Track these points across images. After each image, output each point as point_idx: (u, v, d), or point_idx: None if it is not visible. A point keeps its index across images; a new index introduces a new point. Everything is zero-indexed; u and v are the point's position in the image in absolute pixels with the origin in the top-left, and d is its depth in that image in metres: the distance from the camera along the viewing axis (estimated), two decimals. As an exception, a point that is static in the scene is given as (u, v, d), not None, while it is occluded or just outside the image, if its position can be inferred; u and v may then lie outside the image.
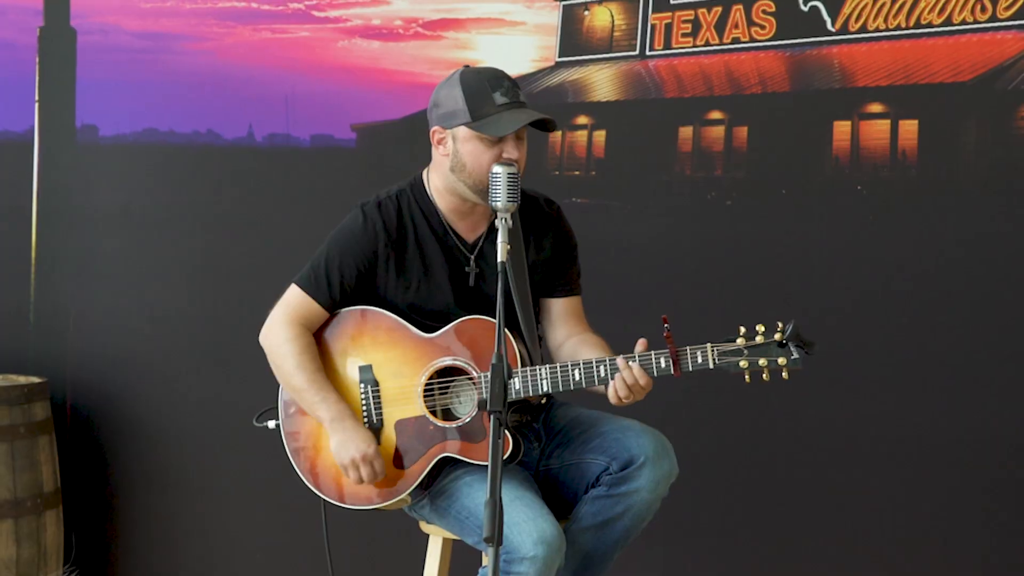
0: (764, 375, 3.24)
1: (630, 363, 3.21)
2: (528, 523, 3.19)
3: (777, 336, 3.25)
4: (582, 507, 3.36)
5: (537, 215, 3.48)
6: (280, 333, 3.42)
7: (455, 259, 3.41)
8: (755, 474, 4.47)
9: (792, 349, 3.24)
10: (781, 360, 3.24)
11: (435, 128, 3.36)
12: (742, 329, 3.25)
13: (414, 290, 3.41)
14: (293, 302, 3.44)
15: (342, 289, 3.41)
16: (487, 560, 3.00)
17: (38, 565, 4.33)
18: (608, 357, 3.27)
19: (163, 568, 4.69)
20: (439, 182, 3.41)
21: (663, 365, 3.22)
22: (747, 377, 3.24)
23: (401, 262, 3.41)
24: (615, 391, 3.22)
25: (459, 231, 3.43)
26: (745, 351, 3.24)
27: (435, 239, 3.41)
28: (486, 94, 3.31)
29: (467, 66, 3.45)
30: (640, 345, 3.24)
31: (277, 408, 3.48)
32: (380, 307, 3.42)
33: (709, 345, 3.23)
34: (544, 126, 3.33)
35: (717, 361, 3.24)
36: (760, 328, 3.25)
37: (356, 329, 3.43)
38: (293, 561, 4.57)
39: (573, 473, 3.40)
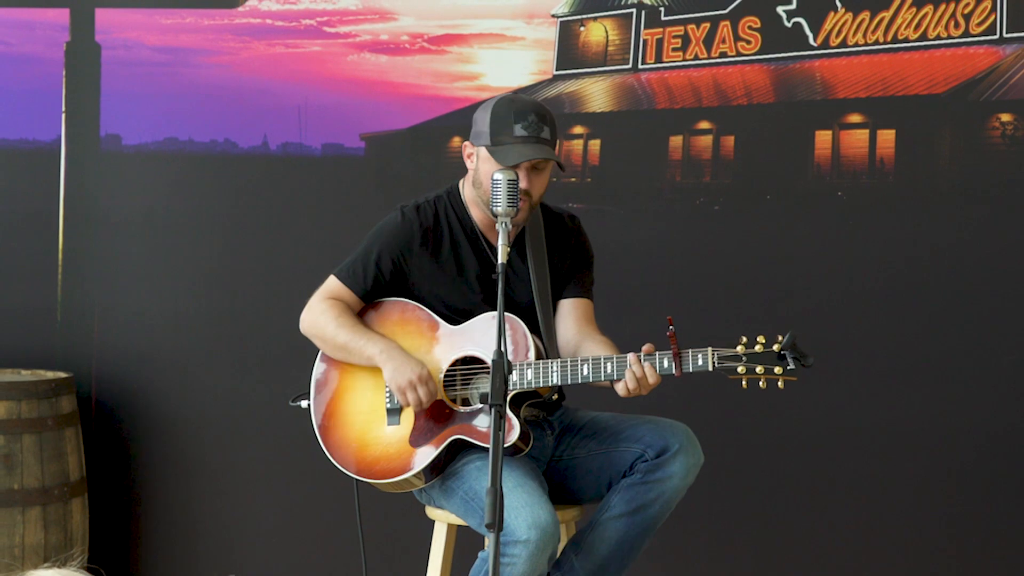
0: (761, 383, 3.23)
1: (642, 360, 3.24)
2: (525, 508, 3.20)
3: (775, 347, 3.25)
4: (613, 496, 3.38)
5: (560, 229, 3.53)
6: (316, 307, 3.48)
7: (485, 262, 3.44)
8: (748, 465, 4.48)
9: (789, 360, 3.24)
10: (777, 370, 3.23)
11: (466, 143, 3.44)
12: (743, 338, 3.25)
13: (447, 287, 3.44)
14: (330, 288, 3.49)
15: (376, 280, 3.45)
16: (488, 544, 3.01)
17: (64, 550, 4.33)
18: (616, 355, 3.27)
19: (183, 551, 4.69)
20: (470, 193, 3.46)
21: (665, 364, 3.23)
22: (744, 383, 3.24)
23: (436, 260, 3.45)
24: (624, 384, 3.23)
25: (491, 239, 3.46)
26: (744, 358, 3.23)
27: (468, 243, 3.47)
28: (508, 124, 3.35)
29: (513, 94, 3.51)
30: (647, 348, 3.25)
31: (309, 390, 3.49)
32: (413, 300, 3.45)
33: (710, 349, 3.23)
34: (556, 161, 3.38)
35: (716, 364, 3.23)
36: (761, 339, 3.24)
37: (389, 317, 3.46)
38: (305, 544, 4.57)
39: (601, 463, 3.42)
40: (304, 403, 3.49)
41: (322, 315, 3.46)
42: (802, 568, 4.45)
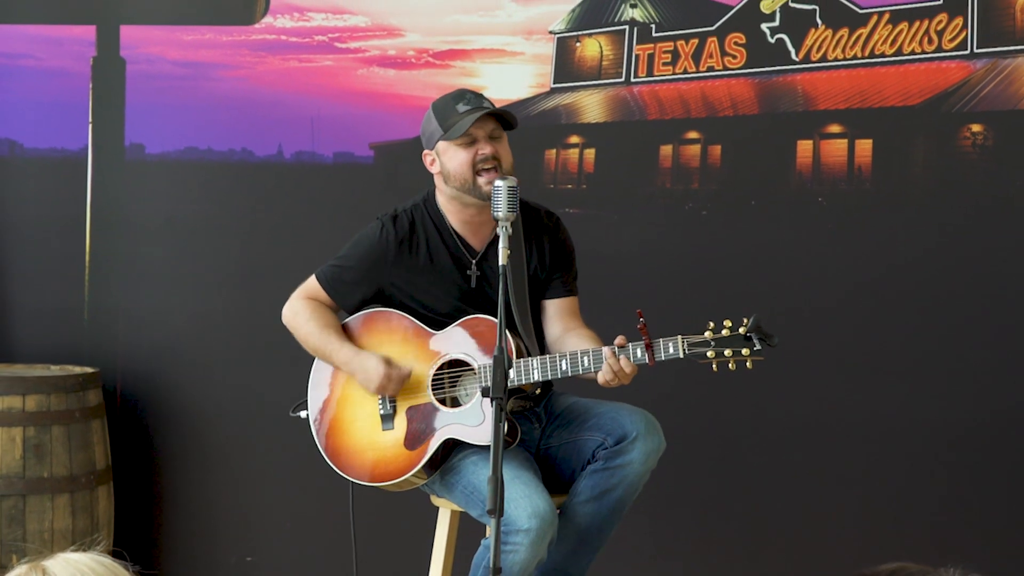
0: (730, 364, 3.24)
1: (616, 353, 3.23)
2: (524, 499, 3.20)
3: (741, 330, 3.25)
4: (580, 482, 3.37)
5: (538, 225, 3.50)
6: (295, 304, 3.51)
7: (461, 264, 3.43)
8: (728, 452, 4.48)
9: (755, 341, 3.24)
10: (745, 351, 3.24)
11: (424, 153, 3.45)
12: (711, 323, 3.26)
13: (425, 292, 3.44)
14: (309, 288, 3.51)
15: (350, 287, 3.47)
16: (490, 531, 3.01)
17: (90, 535, 4.33)
18: (592, 348, 3.27)
19: (202, 536, 4.69)
20: (442, 197, 3.45)
21: (639, 355, 3.23)
22: (715, 366, 3.24)
23: (414, 267, 3.43)
24: (602, 375, 3.23)
25: (467, 239, 3.45)
26: (712, 343, 3.24)
27: (444, 247, 3.44)
28: (450, 108, 3.38)
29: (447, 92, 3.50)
30: (619, 339, 3.25)
31: (306, 400, 3.51)
32: (395, 308, 3.45)
33: (679, 337, 3.24)
34: (505, 122, 3.37)
35: (687, 351, 3.24)
36: (727, 323, 3.26)
37: (375, 327, 3.46)
38: (318, 531, 4.57)
39: (570, 451, 3.41)
40: (303, 414, 3.50)
41: (298, 315, 3.49)
42: (783, 551, 4.46)
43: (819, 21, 4.41)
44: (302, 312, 3.48)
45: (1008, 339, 4.38)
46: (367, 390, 3.40)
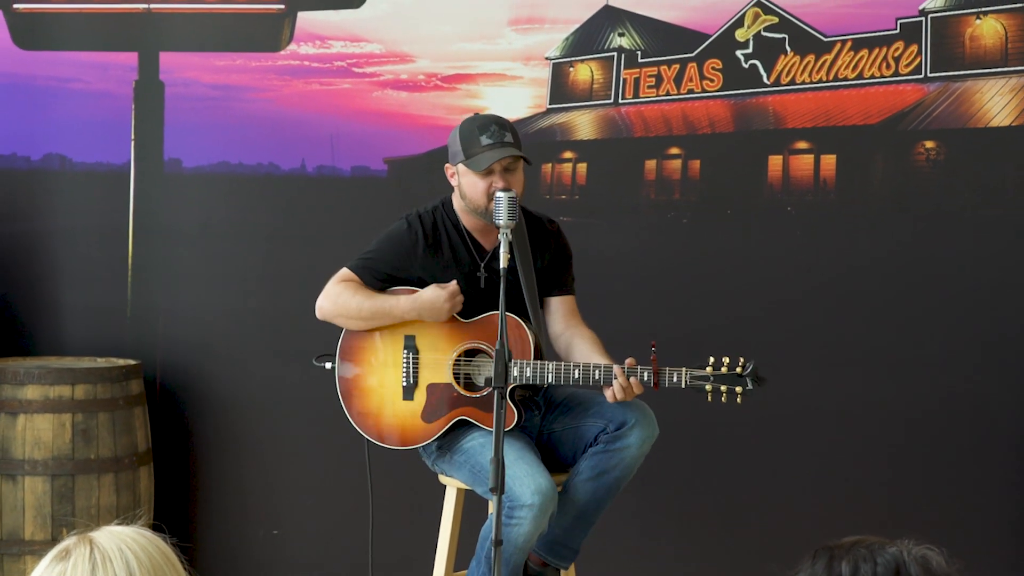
0: (723, 398, 3.27)
1: (629, 377, 3.24)
2: (527, 477, 3.21)
3: (739, 370, 3.27)
4: (582, 462, 3.38)
5: (541, 231, 3.51)
6: (333, 290, 3.44)
7: (474, 263, 3.45)
8: (705, 437, 4.48)
9: (748, 382, 3.26)
10: (738, 389, 3.26)
11: (446, 165, 3.43)
12: (711, 359, 3.27)
13: (447, 282, 3.43)
14: (343, 276, 3.46)
15: (382, 275, 3.44)
16: (493, 507, 3.02)
17: (132, 510, 4.33)
18: (604, 363, 3.27)
19: (233, 511, 4.68)
20: (458, 204, 3.45)
21: (646, 378, 3.24)
22: (709, 398, 3.27)
23: (439, 261, 3.44)
24: (612, 392, 3.25)
25: (479, 241, 3.47)
26: (711, 378, 3.25)
27: (462, 244, 3.45)
28: (475, 137, 3.33)
29: (474, 115, 3.49)
30: (629, 361, 3.26)
31: (334, 353, 3.47)
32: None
33: (684, 369, 3.25)
34: (522, 158, 3.36)
35: (688, 382, 3.26)
36: (726, 360, 3.27)
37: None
38: (337, 507, 4.58)
39: (573, 435, 3.42)
40: (328, 365, 3.48)
41: (341, 295, 3.42)
42: (754, 525, 4.47)
43: (788, 48, 4.42)
44: (344, 292, 3.42)
45: (954, 333, 4.40)
46: (439, 320, 3.37)
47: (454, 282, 3.38)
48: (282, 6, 4.61)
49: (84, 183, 4.68)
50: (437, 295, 3.35)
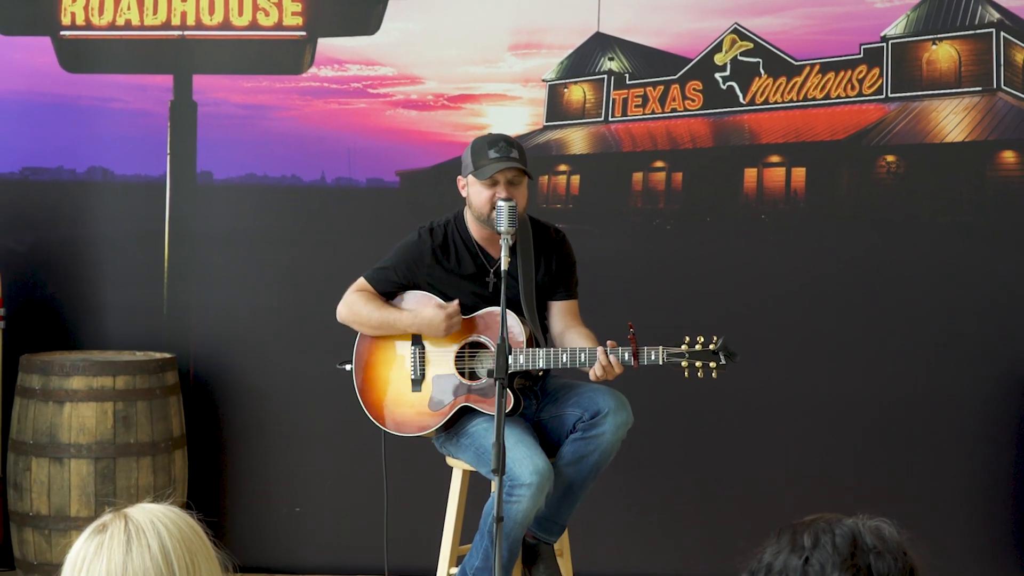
0: (699, 373, 3.27)
1: (608, 354, 3.28)
2: (527, 459, 3.23)
3: (712, 346, 3.29)
4: (563, 448, 3.40)
5: (546, 239, 3.53)
6: (350, 298, 3.48)
7: (482, 269, 3.47)
8: (688, 424, 4.50)
9: (722, 357, 3.28)
10: (712, 364, 3.26)
11: (458, 177, 3.46)
12: (687, 338, 3.28)
13: (454, 289, 3.45)
14: (358, 285, 3.50)
15: (393, 284, 3.47)
16: (495, 487, 3.05)
17: (167, 490, 4.35)
18: (588, 347, 3.29)
19: (259, 491, 4.69)
20: (469, 215, 3.48)
21: (626, 358, 3.26)
22: (686, 373, 3.28)
23: (447, 270, 3.46)
24: (593, 372, 3.27)
25: (488, 250, 3.49)
26: (687, 354, 3.27)
27: (469, 255, 3.47)
28: (484, 151, 3.36)
29: (487, 133, 3.52)
30: (610, 343, 3.28)
31: (351, 359, 3.52)
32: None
33: (661, 347, 3.26)
34: (524, 171, 3.38)
35: (665, 359, 3.27)
36: (700, 338, 3.28)
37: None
38: (354, 487, 4.59)
39: (556, 423, 3.43)
40: (348, 367, 3.54)
41: (356, 303, 3.46)
42: (729, 504, 4.48)
43: (762, 71, 4.45)
44: (358, 301, 3.46)
45: (915, 330, 4.42)
46: (437, 338, 3.42)
47: (455, 302, 3.40)
48: (303, 33, 4.64)
49: (124, 193, 4.70)
50: (436, 314, 3.38)
